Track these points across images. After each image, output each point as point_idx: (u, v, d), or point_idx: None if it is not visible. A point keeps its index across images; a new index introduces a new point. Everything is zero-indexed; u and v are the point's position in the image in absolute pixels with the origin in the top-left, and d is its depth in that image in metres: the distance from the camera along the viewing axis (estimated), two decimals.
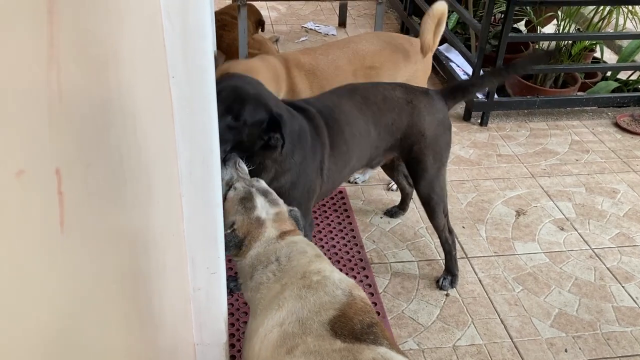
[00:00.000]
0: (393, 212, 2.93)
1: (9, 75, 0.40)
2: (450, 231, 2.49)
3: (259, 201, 1.61)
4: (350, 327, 1.40)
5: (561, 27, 3.90)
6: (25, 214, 0.43)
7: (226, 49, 3.81)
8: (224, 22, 3.91)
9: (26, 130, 0.43)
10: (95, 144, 0.60)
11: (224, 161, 1.69)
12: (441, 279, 2.53)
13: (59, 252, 0.48)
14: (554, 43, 3.97)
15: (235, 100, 1.77)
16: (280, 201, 1.69)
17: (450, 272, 2.53)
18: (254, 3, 4.16)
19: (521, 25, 4.73)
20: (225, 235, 1.51)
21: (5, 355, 0.43)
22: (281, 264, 1.53)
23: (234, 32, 3.73)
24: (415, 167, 2.32)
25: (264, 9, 5.10)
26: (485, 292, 2.51)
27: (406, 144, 2.27)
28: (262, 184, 1.70)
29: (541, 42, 4.19)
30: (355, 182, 3.15)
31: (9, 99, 0.40)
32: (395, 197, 3.01)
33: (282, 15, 5.21)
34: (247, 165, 1.78)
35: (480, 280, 2.57)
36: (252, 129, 1.80)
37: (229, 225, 1.54)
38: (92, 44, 0.61)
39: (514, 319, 2.38)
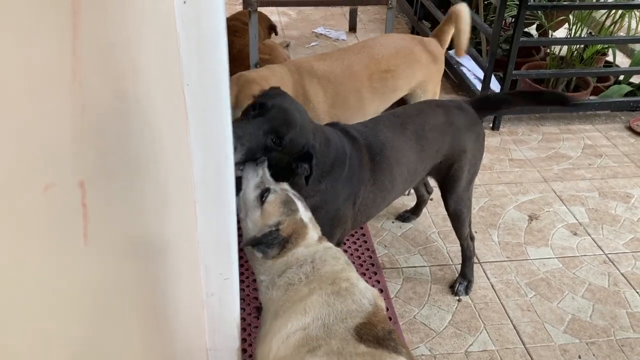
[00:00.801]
0: (406, 217, 2.93)
1: (37, 89, 0.41)
2: (472, 238, 2.50)
3: (300, 205, 1.63)
4: (374, 333, 1.42)
5: (573, 32, 3.89)
6: (51, 227, 0.44)
7: (237, 55, 3.83)
8: (235, 28, 3.93)
9: (52, 144, 0.43)
10: (115, 155, 0.60)
11: (256, 162, 1.68)
12: (457, 285, 2.52)
13: (82, 263, 0.49)
14: (565, 48, 3.95)
15: (283, 124, 1.73)
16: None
17: (466, 278, 2.52)
18: (263, 9, 4.18)
19: (533, 30, 4.71)
20: (270, 233, 1.52)
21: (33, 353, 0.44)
22: (315, 266, 1.55)
23: (245, 38, 3.75)
24: (452, 183, 2.28)
25: (274, 15, 5.12)
26: (498, 297, 2.50)
27: (446, 165, 2.23)
28: (292, 190, 1.71)
29: (553, 47, 4.17)
30: None
31: (37, 114, 0.41)
32: (407, 201, 3.00)
33: (293, 21, 5.23)
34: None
35: (492, 286, 2.56)
36: (285, 155, 1.78)
37: (274, 225, 1.55)
38: (111, 55, 0.62)
39: (527, 324, 2.37)
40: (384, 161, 2.04)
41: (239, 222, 1.51)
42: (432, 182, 2.90)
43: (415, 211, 2.93)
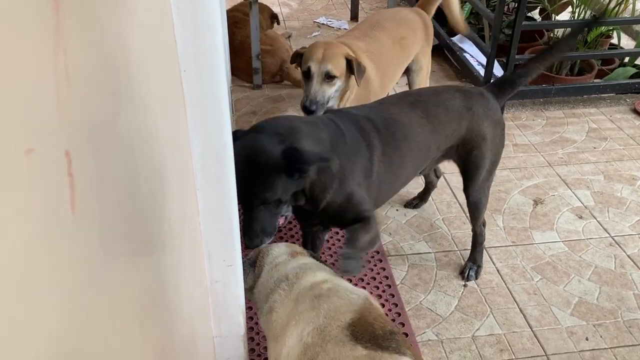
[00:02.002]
0: (415, 204, 2.92)
1: (17, 55, 0.41)
2: (484, 224, 2.51)
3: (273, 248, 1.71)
4: (371, 332, 1.36)
5: (576, 14, 3.85)
6: (35, 192, 0.44)
7: (239, 46, 3.83)
8: (236, 19, 3.93)
9: (35, 110, 0.44)
10: (104, 131, 0.61)
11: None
12: (467, 270, 2.51)
13: (70, 231, 0.50)
14: (568, 30, 3.91)
15: (256, 175, 1.65)
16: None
17: (476, 263, 2.53)
18: (268, 3, 4.18)
19: (536, 15, 4.68)
20: (243, 262, 1.57)
21: (16, 338, 0.44)
22: (291, 281, 1.55)
23: (246, 29, 3.75)
24: (473, 171, 2.26)
25: (275, 6, 5.11)
26: (504, 282, 2.50)
27: (465, 150, 2.21)
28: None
29: (556, 30, 4.14)
30: None
31: (17, 78, 0.41)
32: (411, 189, 3.00)
33: (294, 11, 5.22)
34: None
35: (498, 270, 2.55)
36: (284, 182, 1.68)
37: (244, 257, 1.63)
38: (99, 34, 0.62)
39: (533, 308, 2.37)
40: (390, 136, 2.03)
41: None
42: (446, 170, 2.90)
43: (423, 196, 2.93)
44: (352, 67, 2.53)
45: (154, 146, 0.89)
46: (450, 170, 3.17)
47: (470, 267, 2.52)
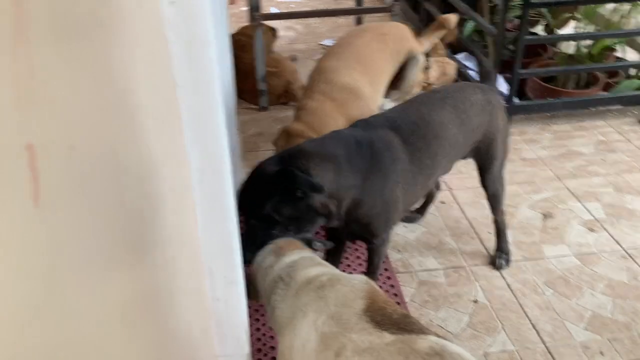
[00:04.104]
0: (412, 218, 2.90)
1: None
2: (503, 212, 2.58)
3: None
4: (388, 316, 1.35)
5: (579, 29, 3.85)
6: None
7: (245, 69, 3.87)
8: (241, 42, 3.97)
9: None
10: (80, 129, 0.61)
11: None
12: (497, 260, 2.59)
13: (32, 223, 0.49)
14: (573, 44, 3.91)
15: (250, 191, 1.83)
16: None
17: (504, 251, 2.60)
18: (269, 23, 4.23)
19: (540, 31, 4.68)
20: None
21: None
22: (284, 280, 1.55)
23: (252, 52, 3.79)
24: (490, 162, 2.37)
25: (281, 30, 5.17)
26: (515, 297, 2.45)
27: (485, 143, 2.31)
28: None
29: (560, 45, 4.14)
30: None
31: None
32: (418, 204, 2.98)
33: (300, 34, 5.27)
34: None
35: (509, 285, 2.51)
36: (275, 202, 1.79)
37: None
38: (70, 31, 0.62)
39: (546, 323, 2.32)
40: (419, 140, 2.06)
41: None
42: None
43: (422, 210, 2.90)
44: None
45: (144, 157, 0.89)
46: (457, 187, 3.14)
47: (499, 257, 2.60)
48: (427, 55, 3.58)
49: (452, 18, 3.30)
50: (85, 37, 0.64)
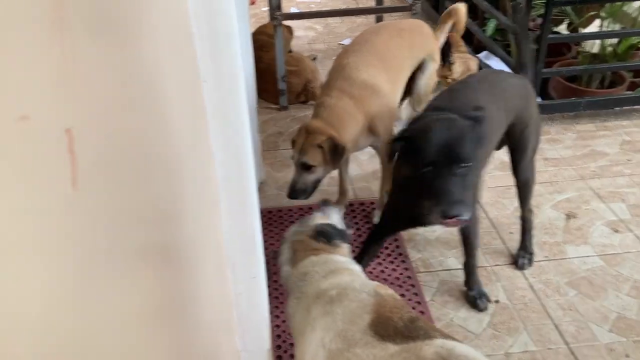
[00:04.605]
0: None
1: (11, 26, 0.42)
2: (531, 211, 2.58)
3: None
4: (393, 326, 1.35)
5: (604, 27, 3.80)
6: (31, 163, 0.45)
7: (265, 68, 3.88)
8: (261, 42, 3.99)
9: (30, 78, 0.44)
10: (113, 118, 0.62)
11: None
12: (519, 259, 2.58)
13: (71, 206, 0.50)
14: (597, 43, 3.85)
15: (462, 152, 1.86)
16: (309, 223, 1.80)
17: (527, 251, 2.59)
18: (290, 22, 4.24)
19: (563, 30, 4.62)
20: None
21: (15, 307, 0.44)
22: (296, 294, 1.57)
23: (272, 51, 3.80)
24: (523, 148, 2.39)
25: (300, 30, 5.18)
26: (537, 297, 2.42)
27: (519, 128, 2.32)
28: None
29: (584, 44, 4.08)
30: None
31: (8, 47, 0.42)
32: None
33: (319, 34, 5.28)
34: None
35: (531, 286, 2.49)
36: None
37: None
38: (105, 23, 0.63)
39: (569, 324, 2.29)
40: (483, 120, 2.08)
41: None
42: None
43: None
44: (331, 150, 2.49)
45: (173, 150, 0.90)
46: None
47: (522, 256, 2.59)
48: (449, 51, 3.56)
49: (461, 7, 3.29)
50: (117, 30, 0.65)
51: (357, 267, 1.69)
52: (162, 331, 1.09)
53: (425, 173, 1.84)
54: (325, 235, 1.71)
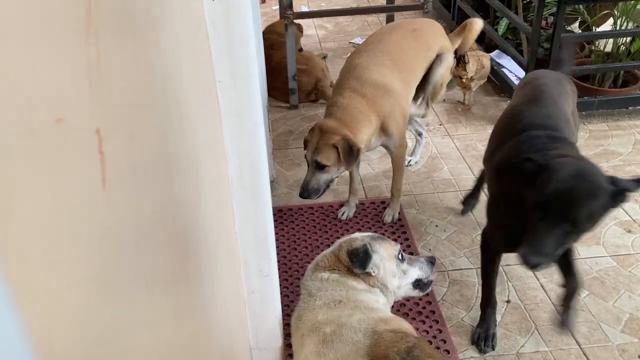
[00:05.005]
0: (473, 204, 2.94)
1: (50, 34, 0.43)
2: None
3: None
4: None
5: (617, 26, 3.77)
6: (66, 161, 0.46)
7: (275, 67, 3.89)
8: (272, 41, 4.00)
9: (65, 82, 0.46)
10: (137, 119, 0.63)
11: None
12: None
13: (101, 205, 0.51)
14: (610, 42, 3.83)
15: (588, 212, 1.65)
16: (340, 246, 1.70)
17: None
18: (300, 21, 4.24)
19: (575, 28, 4.60)
20: None
21: (47, 300, 0.45)
22: (303, 301, 1.55)
23: (282, 50, 3.81)
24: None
25: (311, 28, 5.19)
26: (549, 297, 2.42)
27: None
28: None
29: (597, 43, 4.06)
30: (409, 165, 3.28)
31: (45, 51, 0.43)
32: (450, 203, 2.95)
33: (330, 33, 5.28)
34: None
35: (542, 286, 2.48)
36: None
37: None
38: (128, 26, 0.64)
39: (581, 324, 2.28)
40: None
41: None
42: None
43: (476, 194, 2.92)
44: (346, 151, 2.47)
45: (188, 148, 0.91)
46: None
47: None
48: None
49: (478, 22, 3.25)
50: (140, 33, 0.66)
51: (366, 297, 1.58)
52: (182, 323, 1.09)
53: (536, 210, 1.69)
54: (355, 259, 1.59)
